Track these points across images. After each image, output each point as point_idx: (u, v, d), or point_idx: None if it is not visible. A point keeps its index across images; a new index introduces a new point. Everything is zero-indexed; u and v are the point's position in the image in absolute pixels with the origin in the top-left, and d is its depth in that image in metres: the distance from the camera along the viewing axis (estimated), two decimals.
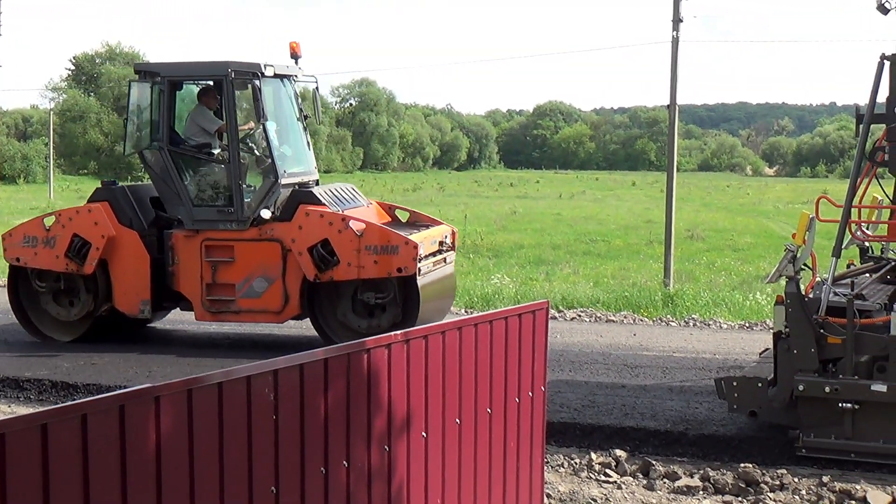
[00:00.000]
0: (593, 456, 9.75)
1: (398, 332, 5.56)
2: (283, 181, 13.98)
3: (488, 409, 6.28)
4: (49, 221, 14.42)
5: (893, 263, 11.41)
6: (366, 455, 5.29)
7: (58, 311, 14.63)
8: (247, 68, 13.88)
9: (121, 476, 3.95)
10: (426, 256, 13.74)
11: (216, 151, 14.38)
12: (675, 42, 21.65)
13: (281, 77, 14.51)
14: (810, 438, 9.46)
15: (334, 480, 5.06)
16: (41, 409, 3.76)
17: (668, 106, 22.14)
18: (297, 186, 14.17)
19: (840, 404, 9.25)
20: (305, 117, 15.19)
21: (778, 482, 8.90)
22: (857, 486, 8.68)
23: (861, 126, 10.01)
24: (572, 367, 13.15)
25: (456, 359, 5.94)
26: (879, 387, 9.14)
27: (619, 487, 8.97)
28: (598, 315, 17.56)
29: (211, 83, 14.65)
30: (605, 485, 9.06)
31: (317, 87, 15.40)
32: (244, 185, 13.93)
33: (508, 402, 6.47)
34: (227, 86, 13.96)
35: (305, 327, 15.60)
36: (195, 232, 14.01)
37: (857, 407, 9.24)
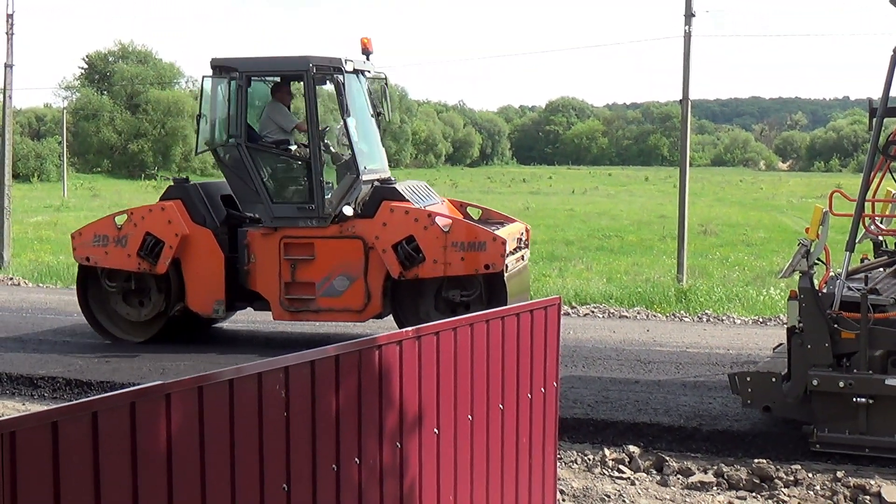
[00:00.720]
0: (607, 452, 9.73)
1: (409, 328, 5.55)
2: (363, 178, 13.75)
3: (500, 406, 6.26)
4: (121, 220, 14.18)
5: None
6: (378, 452, 5.28)
7: (128, 311, 14.43)
8: (328, 63, 13.64)
9: (132, 474, 3.94)
10: (509, 253, 13.50)
11: (293, 148, 14.17)
12: (688, 37, 21.57)
13: (356, 72, 14.24)
14: (824, 433, 9.42)
15: (346, 477, 5.05)
16: (54, 406, 3.77)
17: (680, 101, 22.06)
18: (374, 183, 13.95)
19: (854, 399, 9.21)
20: (378, 114, 14.89)
21: (792, 478, 8.87)
22: (872, 482, 8.64)
23: (874, 120, 9.96)
24: (585, 363, 13.12)
25: (468, 355, 5.93)
26: (894, 381, 9.09)
27: (633, 483, 8.95)
28: (612, 311, 17.53)
29: (278, 79, 14.46)
30: (618, 481, 9.04)
31: (386, 83, 15.08)
32: (325, 182, 13.71)
33: (521, 399, 6.45)
34: (308, 81, 13.66)
35: (319, 325, 15.61)
36: (273, 230, 13.76)
37: (871, 402, 9.19)
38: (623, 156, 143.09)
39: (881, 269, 11.02)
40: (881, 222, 11.07)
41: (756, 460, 9.24)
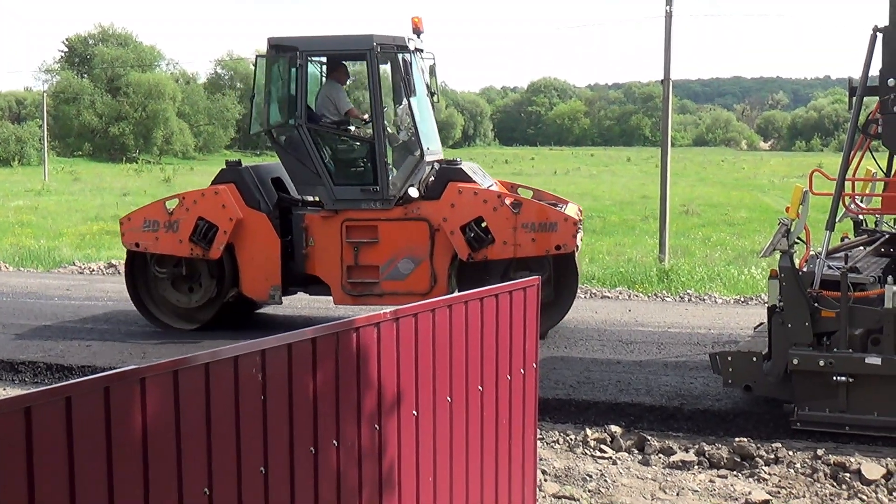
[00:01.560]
0: (588, 432, 9.75)
1: (387, 310, 5.52)
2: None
3: (480, 387, 6.25)
4: (172, 204, 13.90)
5: (887, 236, 11.38)
6: (356, 434, 5.26)
7: (177, 297, 14.20)
8: (392, 41, 13.43)
9: (106, 459, 3.90)
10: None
11: (351, 129, 13.97)
12: (669, 17, 21.54)
13: (415, 51, 13.95)
14: (805, 412, 9.45)
15: (324, 460, 5.03)
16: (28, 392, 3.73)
17: (662, 81, 22.05)
18: (434, 165, 13.78)
19: (834, 378, 9.24)
20: (432, 94, 14.57)
21: (773, 456, 8.89)
22: (852, 459, 8.67)
23: (854, 99, 9.97)
24: (567, 344, 13.13)
25: (446, 336, 5.91)
26: (873, 360, 9.13)
27: (615, 463, 8.96)
28: (594, 291, 17.54)
29: (323, 59, 14.18)
30: (600, 460, 9.05)
31: (434, 64, 14.72)
32: (388, 163, 13.53)
33: (500, 380, 6.44)
34: (372, 60, 13.38)
35: (298, 306, 15.58)
36: (334, 212, 13.53)
37: (851, 380, 9.23)
38: (605, 136, 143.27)
39: (861, 248, 11.06)
40: (861, 201, 11.10)
41: (737, 439, 9.27)
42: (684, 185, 47.95)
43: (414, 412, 5.68)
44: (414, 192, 13.37)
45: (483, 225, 13.16)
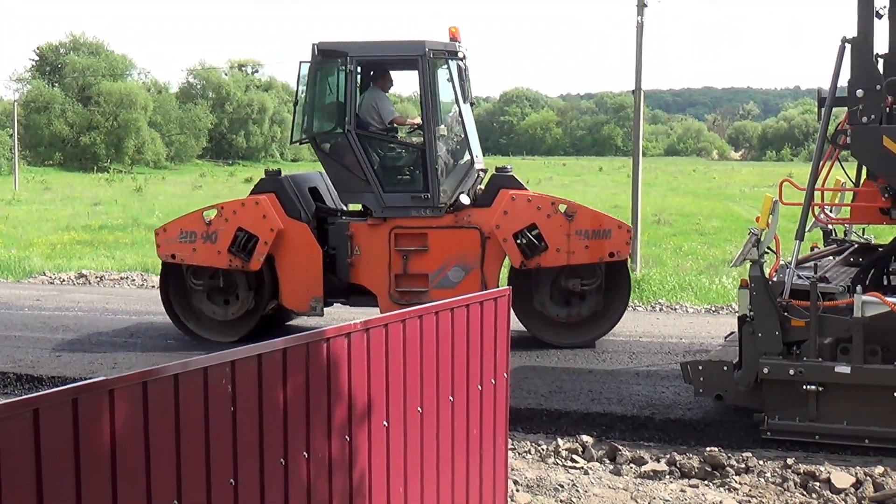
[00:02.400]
0: (560, 442, 9.75)
1: (357, 321, 5.51)
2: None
3: (450, 398, 6.24)
4: (209, 215, 13.62)
5: (856, 246, 11.46)
6: (326, 445, 5.25)
7: (213, 310, 13.92)
8: (443, 47, 13.35)
9: (74, 471, 3.88)
10: None
11: (399, 136, 13.84)
12: (640, 27, 21.63)
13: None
14: (775, 421, 9.50)
15: (294, 471, 5.02)
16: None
17: (633, 91, 22.13)
18: (479, 172, 13.69)
19: (804, 386, 9.29)
20: (472, 102, 14.29)
21: (743, 465, 8.92)
22: (822, 468, 8.71)
23: (823, 109, 10.03)
24: (539, 353, 13.14)
25: (417, 347, 5.90)
26: (843, 369, 9.18)
27: (586, 473, 8.97)
28: None
29: (359, 65, 13.73)
30: (571, 470, 9.06)
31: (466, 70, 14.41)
32: (439, 170, 13.35)
33: (471, 390, 6.44)
34: (424, 65, 13.25)
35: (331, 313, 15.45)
36: (382, 220, 13.38)
37: (821, 389, 9.28)
38: (577, 146, 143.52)
39: (830, 258, 11.13)
40: (830, 211, 11.16)
41: (708, 448, 9.29)
42: (656, 195, 48.08)
43: (384, 423, 5.68)
44: (465, 200, 13.31)
45: (535, 232, 13.07)
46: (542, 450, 9.65)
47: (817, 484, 8.46)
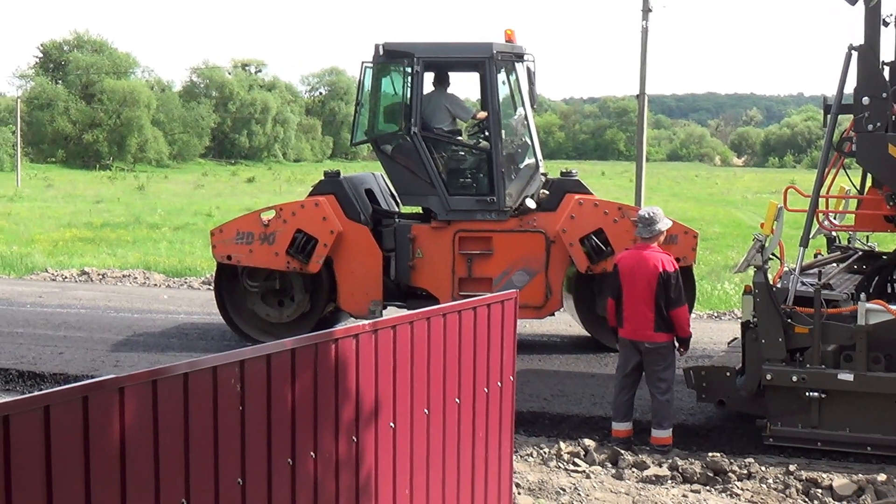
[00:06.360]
0: (562, 445, 9.75)
1: (366, 321, 5.52)
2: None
3: (457, 399, 6.25)
4: (267, 216, 13.50)
5: (860, 253, 11.47)
6: (333, 445, 5.26)
7: (267, 312, 13.76)
8: (510, 49, 13.27)
9: (84, 468, 3.89)
10: None
11: (460, 137, 13.74)
12: (645, 32, 21.67)
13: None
14: (778, 427, 9.50)
15: (302, 471, 5.03)
16: (8, 399, 3.70)
17: (637, 96, 22.17)
18: (544, 176, 13.57)
19: (807, 393, 9.29)
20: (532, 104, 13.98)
21: (745, 471, 8.93)
22: (824, 475, 8.71)
23: (829, 116, 10.04)
24: (542, 357, 13.15)
25: (424, 349, 5.91)
26: (846, 376, 9.18)
27: (588, 477, 8.97)
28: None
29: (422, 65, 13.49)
30: (573, 474, 9.06)
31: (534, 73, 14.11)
32: (504, 173, 13.23)
33: (477, 393, 6.45)
34: (490, 67, 13.19)
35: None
36: (446, 224, 13.27)
37: (823, 396, 9.28)
38: (580, 150, 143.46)
39: (834, 265, 11.13)
40: (835, 218, 11.17)
41: (710, 454, 9.30)
42: (658, 200, 48.02)
43: (391, 424, 5.69)
44: (531, 204, 13.20)
45: (601, 237, 12.97)
46: (545, 453, 9.66)
47: (819, 491, 8.46)
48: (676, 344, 9.76)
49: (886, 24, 10.12)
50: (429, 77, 13.62)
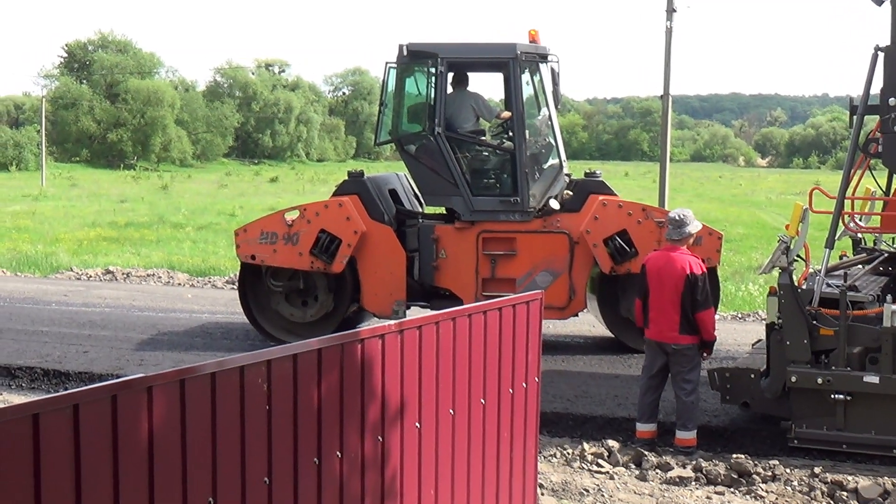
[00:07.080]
0: (586, 446, 9.74)
1: (392, 321, 5.53)
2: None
3: (482, 400, 6.26)
4: (291, 216, 13.50)
5: (886, 255, 11.41)
6: (359, 445, 5.27)
7: (291, 312, 13.76)
8: (534, 50, 13.25)
9: (113, 466, 3.91)
10: None
11: (484, 138, 13.74)
12: (669, 32, 21.62)
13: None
14: (802, 429, 9.46)
15: (328, 470, 5.04)
16: (33, 397, 3.72)
17: (661, 96, 22.12)
18: (568, 177, 13.55)
19: (832, 395, 9.25)
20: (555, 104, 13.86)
21: (770, 473, 8.90)
22: (849, 478, 8.68)
23: (855, 117, 10.00)
24: (565, 357, 13.14)
25: (450, 349, 5.92)
26: (872, 378, 9.14)
27: (612, 478, 8.96)
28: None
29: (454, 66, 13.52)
30: (597, 475, 9.05)
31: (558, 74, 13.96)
32: (529, 174, 13.20)
33: (502, 393, 6.45)
34: (514, 68, 13.17)
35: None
36: (469, 224, 13.26)
37: (849, 398, 9.24)
38: (603, 150, 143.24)
39: (860, 266, 11.08)
40: (860, 219, 11.13)
41: (734, 456, 9.27)
42: (682, 201, 47.88)
43: (417, 424, 5.70)
44: (555, 205, 13.17)
45: (625, 238, 12.94)
46: (568, 454, 9.65)
47: (844, 493, 8.43)
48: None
49: None
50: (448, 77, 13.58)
